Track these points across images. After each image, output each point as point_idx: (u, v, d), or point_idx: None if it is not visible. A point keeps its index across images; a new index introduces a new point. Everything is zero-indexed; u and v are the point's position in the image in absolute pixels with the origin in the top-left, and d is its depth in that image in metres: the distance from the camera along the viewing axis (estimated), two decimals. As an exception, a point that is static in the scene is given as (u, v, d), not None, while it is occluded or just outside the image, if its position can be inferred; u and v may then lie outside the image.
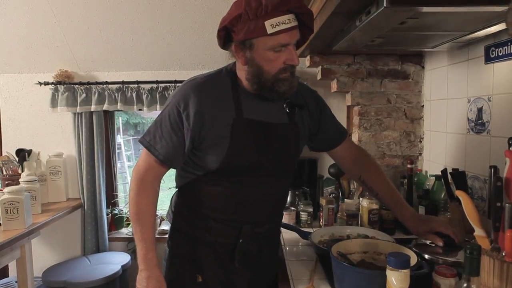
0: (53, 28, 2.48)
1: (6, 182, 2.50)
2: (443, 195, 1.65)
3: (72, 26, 2.47)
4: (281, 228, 1.79)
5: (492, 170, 1.18)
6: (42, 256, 2.80)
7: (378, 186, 1.44)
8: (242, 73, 1.18)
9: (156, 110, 2.60)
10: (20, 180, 2.36)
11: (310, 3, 1.55)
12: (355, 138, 2.20)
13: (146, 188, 1.22)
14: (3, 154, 2.77)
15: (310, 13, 1.12)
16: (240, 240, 1.24)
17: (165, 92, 2.56)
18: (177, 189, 1.36)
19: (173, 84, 2.52)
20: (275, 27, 1.04)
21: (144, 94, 2.61)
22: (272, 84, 1.13)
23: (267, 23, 1.03)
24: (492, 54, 1.45)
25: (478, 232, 1.04)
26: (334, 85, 2.21)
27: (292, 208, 1.98)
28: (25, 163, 2.64)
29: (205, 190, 1.25)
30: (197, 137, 1.16)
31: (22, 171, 2.57)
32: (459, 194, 1.08)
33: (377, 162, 1.53)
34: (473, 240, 1.07)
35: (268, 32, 1.04)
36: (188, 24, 2.39)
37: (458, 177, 1.47)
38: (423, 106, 2.13)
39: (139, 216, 1.21)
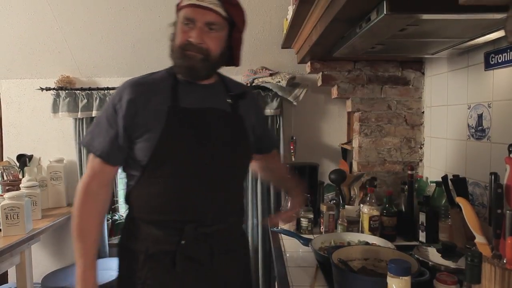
0: (55, 34, 2.49)
1: (7, 188, 2.50)
2: (443, 201, 1.65)
3: (74, 32, 2.48)
4: (282, 235, 1.80)
5: (493, 177, 1.18)
6: (42, 261, 2.80)
7: (281, 182, 1.60)
8: None
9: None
10: (20, 185, 2.35)
11: (311, 10, 1.55)
12: (355, 144, 2.20)
13: (90, 199, 1.14)
14: (4, 160, 2.78)
15: (235, 5, 1.15)
16: (182, 242, 1.12)
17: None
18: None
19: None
20: (187, 0, 1.10)
21: (145, 99, 2.61)
22: (178, 58, 1.13)
23: None
24: (492, 61, 1.45)
25: (479, 239, 1.04)
26: (334, 91, 2.21)
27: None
28: (25, 168, 2.64)
29: (144, 192, 1.15)
30: (129, 124, 1.11)
31: (23, 177, 2.57)
32: (460, 201, 1.08)
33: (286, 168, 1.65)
34: (474, 247, 1.07)
35: (182, 4, 1.12)
36: (189, 30, 2.40)
37: (459, 184, 1.47)
38: (423, 112, 2.13)
39: (81, 231, 1.13)
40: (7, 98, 2.84)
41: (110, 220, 2.86)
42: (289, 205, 1.56)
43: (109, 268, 2.55)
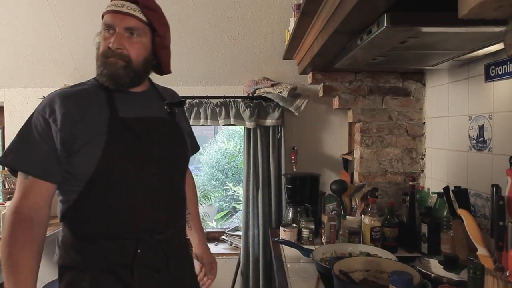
0: (59, 44, 2.52)
1: (8, 196, 2.50)
2: (445, 212, 1.64)
3: (78, 42, 2.51)
4: (283, 245, 1.79)
5: (494, 189, 1.18)
6: (42, 271, 2.77)
7: (191, 208, 1.46)
8: None
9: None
10: (21, 194, 2.36)
11: (312, 22, 1.57)
12: (356, 154, 2.20)
13: (23, 224, 1.01)
14: (6, 168, 2.78)
15: (153, 9, 1.13)
16: (139, 251, 1.08)
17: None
18: (61, 222, 1.15)
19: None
20: (108, 7, 1.10)
21: (147, 109, 2.62)
22: (100, 66, 1.11)
23: (108, 5, 1.11)
24: (492, 73, 1.46)
25: (481, 251, 1.04)
26: (336, 102, 2.23)
27: (294, 224, 1.97)
28: (27, 177, 2.65)
29: (91, 206, 1.08)
30: (67, 137, 1.04)
31: (24, 185, 2.57)
32: (462, 212, 1.08)
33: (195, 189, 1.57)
34: (476, 259, 1.07)
35: (104, 11, 1.11)
36: (192, 40, 2.42)
37: (461, 195, 1.47)
38: (424, 123, 2.14)
39: (14, 262, 0.99)
40: (10, 107, 2.85)
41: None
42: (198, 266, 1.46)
43: None
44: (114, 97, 1.12)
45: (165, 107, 1.22)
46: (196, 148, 1.46)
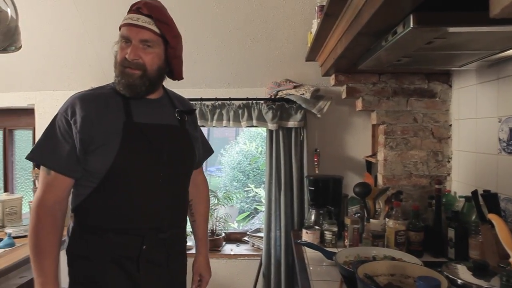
0: (87, 48, 2.60)
1: (38, 195, 2.59)
2: (473, 217, 1.59)
3: (104, 46, 2.58)
4: (305, 248, 1.78)
5: (527, 193, 1.14)
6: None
7: (199, 216, 1.54)
8: None
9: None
10: (51, 193, 2.44)
11: (336, 23, 1.56)
12: (380, 157, 2.17)
13: (47, 215, 1.14)
14: (36, 168, 2.89)
15: (165, 23, 1.21)
16: (144, 247, 1.19)
17: (191, 110, 2.60)
18: (73, 213, 1.25)
19: (200, 102, 2.57)
20: (125, 20, 1.19)
21: (171, 111, 2.67)
22: (118, 75, 1.20)
23: (125, 18, 1.20)
24: (524, 73, 1.41)
25: (513, 257, 1.00)
26: (359, 104, 2.20)
27: (316, 227, 1.96)
28: (56, 177, 2.73)
29: (102, 202, 1.18)
30: (86, 138, 1.14)
31: (53, 185, 2.66)
32: (492, 217, 1.05)
33: (209, 197, 1.63)
34: (508, 266, 1.03)
35: (121, 23, 1.20)
36: (215, 43, 2.45)
37: (490, 199, 1.42)
38: (451, 125, 2.08)
39: (40, 248, 1.12)
40: (41, 109, 2.96)
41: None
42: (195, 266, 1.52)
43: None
44: (130, 103, 1.21)
45: (176, 115, 1.31)
46: (209, 150, 1.55)
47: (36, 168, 2.88)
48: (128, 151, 1.16)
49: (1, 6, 1.78)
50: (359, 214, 2.02)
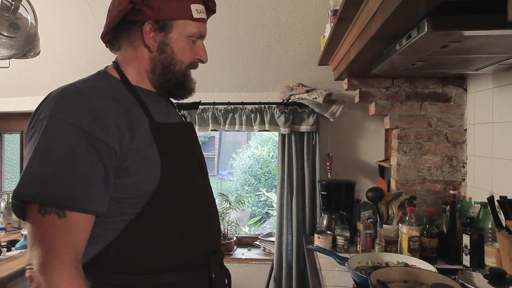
0: (102, 53, 2.64)
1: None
2: (490, 224, 1.56)
3: (120, 51, 2.63)
4: (317, 253, 1.77)
5: (545, 199, 1.12)
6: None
7: None
8: (139, 65, 0.95)
9: (195, 130, 2.67)
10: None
11: (349, 28, 1.56)
12: (393, 162, 2.15)
13: (74, 280, 0.74)
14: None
15: (211, 14, 1.03)
16: (213, 275, 0.94)
17: (204, 114, 2.62)
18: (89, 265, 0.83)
19: (212, 106, 2.59)
20: (199, 13, 0.93)
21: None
22: (182, 78, 0.97)
23: (193, 7, 0.92)
24: (542, 77, 1.39)
25: (531, 265, 0.98)
26: (372, 108, 2.19)
27: (329, 232, 1.95)
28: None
29: (149, 234, 0.86)
30: (117, 153, 0.80)
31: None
32: (510, 224, 1.03)
33: None
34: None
35: (194, 17, 0.92)
36: (227, 47, 2.47)
37: (508, 205, 1.40)
38: (466, 130, 2.05)
39: None
40: (57, 112, 3.02)
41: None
42: None
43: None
44: (143, 97, 0.93)
45: (178, 111, 1.08)
46: None
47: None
48: (171, 161, 0.88)
49: (21, 13, 1.83)
50: (371, 219, 2.00)
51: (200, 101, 1.19)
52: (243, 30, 2.38)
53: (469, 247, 1.58)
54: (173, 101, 1.09)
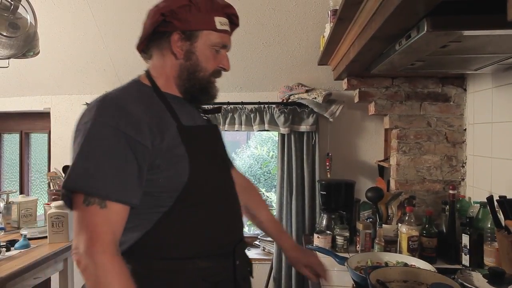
0: (102, 53, 2.65)
1: (53, 197, 2.64)
2: (489, 223, 1.57)
3: (119, 51, 2.62)
4: (316, 252, 1.77)
5: (544, 199, 1.12)
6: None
7: (262, 215, 1.36)
8: (168, 72, 1.05)
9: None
10: (65, 195, 2.48)
11: (349, 28, 1.56)
12: (393, 161, 2.15)
13: (117, 268, 0.84)
14: (51, 170, 2.94)
15: (235, 28, 1.14)
16: (237, 262, 1.04)
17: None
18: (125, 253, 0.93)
19: (212, 106, 2.58)
20: (222, 25, 1.04)
21: (183, 115, 2.69)
22: (205, 84, 1.07)
23: (216, 20, 1.03)
24: (541, 77, 1.39)
25: (530, 265, 0.98)
26: (371, 108, 2.19)
27: (328, 231, 1.95)
28: (70, 179, 2.78)
29: (180, 226, 0.96)
30: (150, 151, 0.91)
31: (68, 187, 2.70)
32: (509, 224, 1.03)
33: (259, 192, 1.46)
34: (524, 273, 1.01)
35: (218, 28, 1.03)
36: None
37: (506, 205, 1.40)
38: (465, 129, 2.05)
39: None
40: (56, 112, 3.02)
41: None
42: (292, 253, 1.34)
43: None
44: (171, 102, 1.02)
45: (202, 114, 1.17)
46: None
47: (51, 171, 2.93)
48: (198, 159, 0.98)
49: (21, 13, 1.83)
50: (371, 219, 2.00)
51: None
52: (242, 30, 2.38)
53: (468, 247, 1.58)
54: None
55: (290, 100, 2.52)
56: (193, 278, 0.96)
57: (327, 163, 2.55)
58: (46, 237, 2.17)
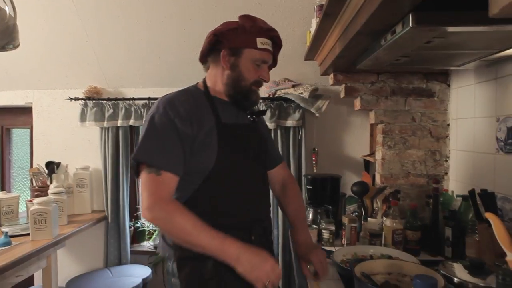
0: (85, 47, 2.59)
1: (36, 193, 2.59)
2: (470, 216, 1.60)
3: (103, 45, 2.57)
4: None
5: (524, 192, 1.14)
6: (66, 266, 2.86)
7: (289, 209, 1.51)
8: (218, 80, 1.31)
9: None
10: (48, 191, 2.44)
11: (335, 23, 1.57)
12: (378, 156, 2.17)
13: (179, 209, 1.13)
14: (34, 166, 2.88)
15: (280, 48, 1.38)
16: (252, 238, 1.24)
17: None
18: None
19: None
20: (263, 45, 1.27)
21: (169, 110, 2.67)
22: (247, 91, 1.30)
23: (258, 40, 1.26)
24: (522, 73, 1.42)
25: (510, 256, 1.01)
26: (357, 103, 2.21)
27: (314, 226, 1.96)
28: (53, 175, 2.74)
29: (207, 202, 1.22)
30: (190, 136, 1.18)
31: (51, 183, 2.65)
32: (489, 216, 1.05)
33: (298, 188, 1.60)
34: (504, 265, 1.04)
35: (258, 47, 1.26)
36: (213, 42, 2.45)
37: (487, 198, 1.43)
38: (449, 124, 2.09)
39: (189, 234, 1.10)
40: (38, 107, 2.96)
41: (133, 228, 2.91)
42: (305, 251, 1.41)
43: (131, 275, 2.59)
44: (216, 105, 1.29)
45: (249, 116, 1.40)
46: (275, 157, 1.55)
47: (33, 167, 2.87)
48: (225, 149, 1.22)
49: (-1, 3, 1.77)
50: (356, 213, 2.02)
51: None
52: (229, 24, 2.36)
53: (450, 239, 1.61)
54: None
55: (276, 95, 2.52)
56: None
57: (313, 158, 2.56)
58: (28, 234, 2.13)
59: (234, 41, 1.26)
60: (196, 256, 1.15)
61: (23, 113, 3.09)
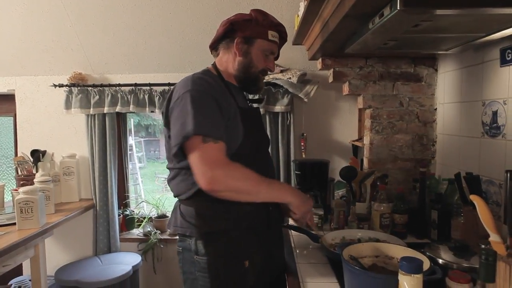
0: (68, 31, 2.52)
1: (21, 182, 2.55)
2: (456, 199, 1.63)
3: (87, 30, 2.51)
4: (291, 231, 1.80)
5: (508, 175, 1.16)
6: (55, 255, 2.85)
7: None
8: (229, 65, 1.41)
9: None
10: (34, 180, 2.40)
11: (322, 6, 1.55)
12: (366, 141, 2.19)
13: (230, 166, 1.22)
14: (19, 155, 2.83)
15: (284, 42, 1.50)
16: (270, 208, 1.39)
17: (177, 94, 2.57)
18: (192, 196, 1.29)
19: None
20: (273, 37, 1.40)
21: (156, 96, 2.63)
22: (255, 78, 1.42)
23: (269, 32, 1.39)
24: (508, 57, 1.43)
25: (494, 237, 1.02)
26: (345, 88, 2.20)
27: (303, 211, 1.97)
28: (39, 163, 2.69)
29: None
30: (226, 113, 1.27)
31: (37, 172, 2.61)
32: (474, 198, 1.06)
33: None
34: (488, 245, 1.06)
35: (269, 38, 1.39)
36: (200, 27, 2.40)
37: (472, 181, 1.45)
38: (436, 109, 2.11)
39: (258, 183, 1.26)
40: (21, 94, 2.88)
41: (121, 215, 2.89)
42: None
43: (121, 263, 2.59)
44: (231, 89, 1.38)
45: (248, 103, 1.53)
46: None
47: (18, 156, 2.82)
48: (247, 130, 1.32)
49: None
50: (345, 198, 2.04)
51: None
52: (215, 9, 2.32)
53: (437, 222, 1.64)
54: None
55: (264, 80, 2.50)
56: (241, 217, 1.30)
57: (302, 143, 2.56)
58: (15, 223, 2.10)
59: (248, 31, 1.37)
60: (223, 230, 1.28)
61: (5, 101, 3.01)
